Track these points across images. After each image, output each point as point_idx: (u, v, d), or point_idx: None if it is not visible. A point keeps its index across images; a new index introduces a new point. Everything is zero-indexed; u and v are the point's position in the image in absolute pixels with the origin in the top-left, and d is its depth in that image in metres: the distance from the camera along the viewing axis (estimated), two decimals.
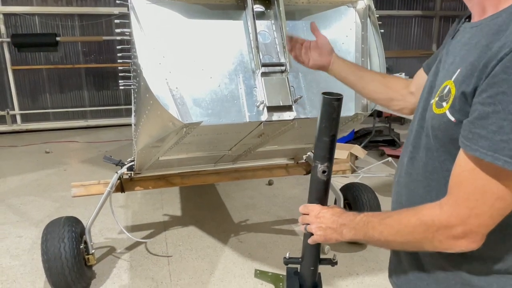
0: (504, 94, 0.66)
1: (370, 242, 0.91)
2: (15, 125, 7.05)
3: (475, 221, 0.73)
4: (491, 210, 0.72)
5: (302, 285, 1.16)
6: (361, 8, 1.89)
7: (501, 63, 0.67)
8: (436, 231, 0.77)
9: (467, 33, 0.84)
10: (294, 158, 3.14)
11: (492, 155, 0.68)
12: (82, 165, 5.25)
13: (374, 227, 0.87)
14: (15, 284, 2.66)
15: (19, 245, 3.14)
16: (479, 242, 0.76)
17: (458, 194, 0.75)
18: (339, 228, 0.95)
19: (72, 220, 2.58)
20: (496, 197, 0.71)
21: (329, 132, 1.02)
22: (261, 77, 1.69)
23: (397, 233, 0.83)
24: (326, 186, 1.07)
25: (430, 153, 0.86)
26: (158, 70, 1.61)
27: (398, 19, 8.68)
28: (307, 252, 1.13)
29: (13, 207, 3.89)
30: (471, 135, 0.71)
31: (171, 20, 1.69)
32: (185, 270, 2.82)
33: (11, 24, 6.71)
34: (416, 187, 0.91)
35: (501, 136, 0.67)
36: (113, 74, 7.22)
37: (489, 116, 0.68)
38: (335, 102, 1.00)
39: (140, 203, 3.95)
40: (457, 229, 0.75)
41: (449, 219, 0.75)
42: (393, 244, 0.87)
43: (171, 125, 1.66)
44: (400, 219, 0.84)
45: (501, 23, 0.73)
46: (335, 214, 0.98)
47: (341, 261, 2.90)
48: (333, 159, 1.07)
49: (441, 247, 0.79)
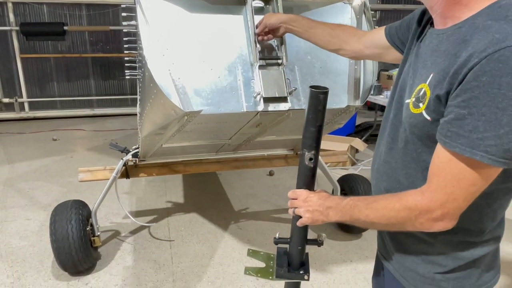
0: (477, 99, 0.76)
1: (355, 223, 1.01)
2: (23, 113, 7.17)
3: (452, 204, 0.84)
4: (465, 194, 0.83)
5: (290, 263, 1.25)
6: (356, 5, 1.97)
7: (472, 71, 0.77)
8: (418, 214, 0.88)
9: (434, 39, 0.94)
10: (294, 149, 3.23)
11: (470, 151, 0.79)
12: (88, 152, 5.37)
13: (361, 211, 0.97)
14: (24, 263, 2.79)
15: (27, 227, 3.28)
16: (454, 222, 0.88)
17: (437, 182, 0.86)
18: (325, 211, 1.04)
19: (79, 203, 2.70)
20: (469, 183, 0.82)
21: (315, 122, 1.09)
22: (259, 70, 1.78)
23: (382, 216, 0.94)
24: (313, 172, 1.14)
25: (408, 145, 0.97)
26: (162, 61, 1.70)
27: (404, 14, 8.66)
28: (295, 233, 1.21)
29: (21, 191, 4.02)
30: (450, 133, 0.81)
31: (175, 14, 1.77)
32: (186, 253, 2.94)
33: (20, 12, 6.80)
34: (395, 174, 1.02)
35: (476, 134, 0.77)
36: (120, 64, 7.32)
37: (465, 117, 0.78)
38: (321, 95, 1.06)
39: (144, 190, 4.07)
40: (437, 212, 0.86)
41: (429, 203, 0.86)
42: (377, 225, 0.98)
43: (173, 113, 1.76)
44: (386, 204, 0.94)
45: (465, 33, 0.83)
46: (322, 198, 1.07)
47: (336, 248, 3.01)
48: (319, 148, 1.14)
49: (422, 227, 0.90)
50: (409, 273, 1.04)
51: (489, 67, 0.75)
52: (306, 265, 1.26)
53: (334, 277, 2.68)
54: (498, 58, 0.74)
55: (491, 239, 0.99)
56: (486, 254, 0.99)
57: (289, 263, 1.25)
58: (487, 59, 0.75)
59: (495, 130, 0.76)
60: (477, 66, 0.76)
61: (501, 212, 0.97)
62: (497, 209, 0.95)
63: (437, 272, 0.99)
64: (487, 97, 0.75)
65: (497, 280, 1.04)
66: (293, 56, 1.86)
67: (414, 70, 0.98)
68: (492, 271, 1.02)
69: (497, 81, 0.74)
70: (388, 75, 5.74)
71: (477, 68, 0.76)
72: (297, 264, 1.25)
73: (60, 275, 2.65)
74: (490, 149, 0.77)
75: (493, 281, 1.02)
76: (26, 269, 2.72)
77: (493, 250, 1.01)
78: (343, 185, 3.24)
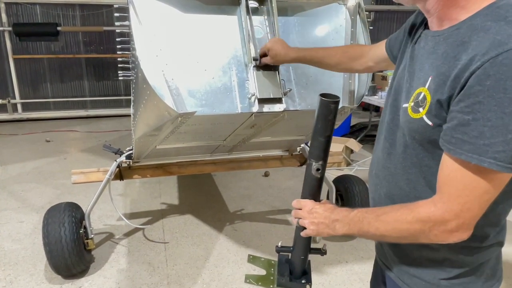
0: (481, 104, 0.74)
1: (364, 236, 0.97)
2: (16, 114, 7.12)
3: (467, 214, 0.81)
4: (480, 203, 0.80)
5: (292, 271, 1.22)
6: (351, 6, 1.97)
7: (475, 75, 0.74)
8: (432, 226, 0.84)
9: (430, 41, 0.91)
10: (289, 150, 3.22)
11: (477, 158, 0.76)
12: (82, 154, 5.33)
13: (370, 223, 0.93)
14: (16, 266, 2.76)
15: (20, 230, 3.24)
16: (470, 232, 0.84)
17: (449, 192, 0.82)
18: (332, 224, 1.00)
19: (72, 205, 2.67)
20: (483, 191, 0.79)
21: (324, 132, 1.05)
22: (253, 71, 1.77)
23: (393, 229, 0.90)
24: (319, 183, 1.11)
25: (408, 150, 0.94)
26: (155, 62, 1.68)
27: (398, 14, 8.71)
28: (298, 243, 1.18)
29: (14, 193, 3.98)
30: (454, 140, 0.79)
31: (168, 14, 1.76)
32: (181, 256, 2.92)
33: (13, 13, 6.75)
34: (395, 180, 0.99)
35: (483, 140, 0.75)
36: (113, 65, 7.28)
37: (470, 123, 0.75)
38: (332, 104, 1.02)
39: (138, 192, 4.05)
40: (452, 223, 0.83)
41: (443, 215, 0.83)
42: (388, 238, 0.93)
43: (167, 115, 1.74)
44: (397, 217, 0.89)
45: (463, 34, 0.81)
46: (327, 210, 1.03)
47: (331, 249, 3.00)
48: (327, 158, 1.10)
49: (436, 240, 0.86)
50: (414, 280, 1.01)
51: (493, 70, 0.72)
52: (308, 274, 1.23)
53: (329, 278, 2.67)
54: (502, 61, 0.72)
55: (495, 244, 0.97)
56: (490, 259, 0.97)
57: (290, 271, 1.22)
58: (490, 62, 0.73)
59: (503, 136, 0.73)
60: (480, 70, 0.73)
61: (504, 217, 0.96)
62: (501, 213, 0.93)
63: (443, 278, 0.97)
64: (492, 102, 0.73)
65: (500, 284, 1.03)
66: None
67: (410, 73, 0.96)
68: (495, 275, 1.01)
69: (502, 85, 0.71)
70: (382, 75, 5.76)
71: (480, 71, 0.73)
72: (299, 273, 1.22)
73: (53, 278, 2.62)
74: (499, 155, 0.74)
75: (496, 285, 1.01)
76: (19, 273, 2.69)
77: (496, 254, 1.00)
78: (338, 186, 3.23)
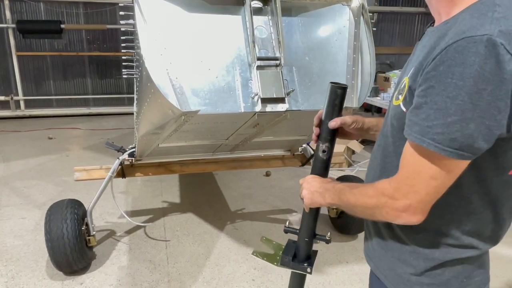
0: (433, 88, 0.78)
1: (341, 207, 1.05)
2: (19, 111, 7.14)
3: (414, 196, 0.85)
4: (427, 188, 0.84)
5: (297, 254, 1.29)
6: (355, 7, 1.97)
7: (433, 61, 0.78)
8: (384, 203, 0.90)
9: (427, 36, 0.96)
10: (291, 150, 3.23)
11: (420, 138, 0.80)
12: (84, 151, 5.35)
13: (345, 194, 1.01)
14: (18, 262, 2.77)
15: (22, 226, 3.25)
16: (419, 216, 0.87)
17: (402, 173, 0.88)
18: (324, 193, 1.08)
19: (75, 202, 2.68)
20: (429, 176, 0.82)
21: (331, 116, 1.15)
22: (257, 70, 1.78)
23: (357, 201, 0.97)
24: (326, 164, 1.19)
25: (387, 139, 0.99)
26: (159, 60, 1.70)
27: (401, 16, 8.71)
28: (304, 224, 1.26)
29: (16, 190, 4.00)
30: (409, 122, 0.84)
31: (173, 13, 1.77)
32: (182, 254, 2.93)
33: (17, 10, 6.77)
34: (375, 169, 1.05)
35: (427, 122, 0.79)
36: (116, 63, 7.30)
37: (422, 106, 0.80)
38: (339, 90, 1.14)
39: (140, 190, 4.06)
40: (400, 202, 0.87)
41: (394, 192, 0.88)
42: (355, 209, 1.00)
43: (170, 113, 1.75)
44: (362, 190, 0.97)
45: (448, 28, 0.84)
46: (323, 181, 1.12)
47: (332, 250, 3.01)
48: (334, 142, 1.19)
49: (388, 217, 0.91)
50: (388, 272, 1.04)
51: (446, 57, 0.76)
52: (312, 260, 1.29)
53: (330, 279, 2.68)
54: (455, 48, 0.75)
55: (469, 247, 0.93)
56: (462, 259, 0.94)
57: (296, 254, 1.29)
58: (446, 49, 0.77)
59: (443, 119, 0.77)
60: (438, 56, 0.78)
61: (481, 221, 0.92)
62: (472, 213, 0.91)
63: (411, 273, 0.98)
64: (441, 86, 0.77)
65: None
66: (291, 57, 1.86)
67: (405, 67, 1.02)
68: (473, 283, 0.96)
69: (451, 70, 0.75)
70: (385, 77, 5.76)
71: (437, 58, 0.78)
72: (303, 257, 1.28)
73: (54, 274, 2.64)
74: (437, 137, 0.78)
75: None
76: (21, 268, 2.70)
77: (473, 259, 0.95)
78: None
